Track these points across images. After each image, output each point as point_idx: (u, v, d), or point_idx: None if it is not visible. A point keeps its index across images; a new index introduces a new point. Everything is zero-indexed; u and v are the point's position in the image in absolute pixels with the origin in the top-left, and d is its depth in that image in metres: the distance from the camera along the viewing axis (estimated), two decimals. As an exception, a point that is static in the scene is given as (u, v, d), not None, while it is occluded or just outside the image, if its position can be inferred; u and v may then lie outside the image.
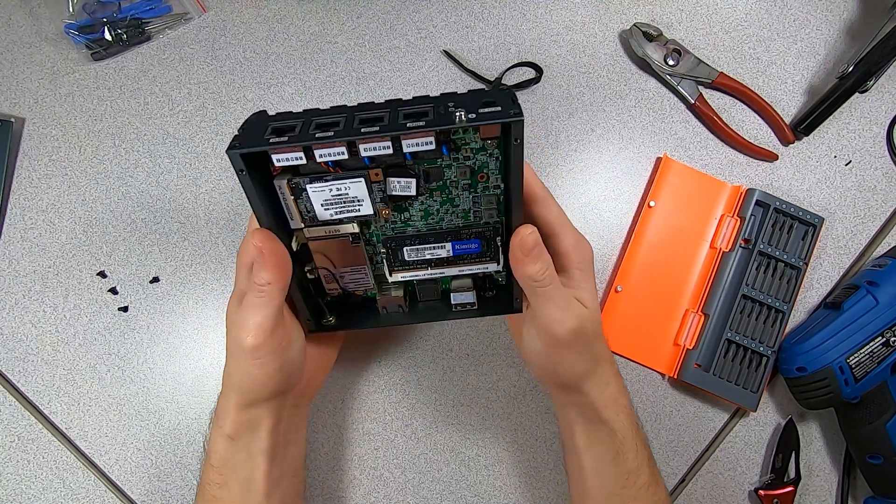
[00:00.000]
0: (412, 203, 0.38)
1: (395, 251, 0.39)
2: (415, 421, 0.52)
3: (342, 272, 0.40)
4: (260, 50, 0.55)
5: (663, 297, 0.53)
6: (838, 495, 0.52)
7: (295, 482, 0.46)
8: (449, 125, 0.32)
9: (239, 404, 0.40)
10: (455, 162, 0.37)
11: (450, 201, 0.38)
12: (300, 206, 0.37)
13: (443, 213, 0.39)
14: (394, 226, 0.39)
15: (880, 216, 0.55)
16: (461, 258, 0.40)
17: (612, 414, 0.42)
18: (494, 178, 0.37)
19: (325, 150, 0.33)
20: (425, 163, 0.37)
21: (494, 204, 0.38)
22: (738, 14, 0.56)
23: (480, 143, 0.36)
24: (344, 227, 0.38)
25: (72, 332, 0.51)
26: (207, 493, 0.42)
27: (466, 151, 0.37)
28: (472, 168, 0.37)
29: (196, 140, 0.54)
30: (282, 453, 0.44)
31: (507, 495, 0.52)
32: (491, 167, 0.37)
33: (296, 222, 0.37)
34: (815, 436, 0.53)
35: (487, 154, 0.37)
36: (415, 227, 0.39)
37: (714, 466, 0.52)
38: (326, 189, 0.36)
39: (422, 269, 0.40)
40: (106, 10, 0.53)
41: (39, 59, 0.54)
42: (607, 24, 0.56)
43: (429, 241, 0.39)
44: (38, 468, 0.51)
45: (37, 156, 0.53)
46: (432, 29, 0.55)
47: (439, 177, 0.37)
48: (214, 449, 0.42)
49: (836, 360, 0.48)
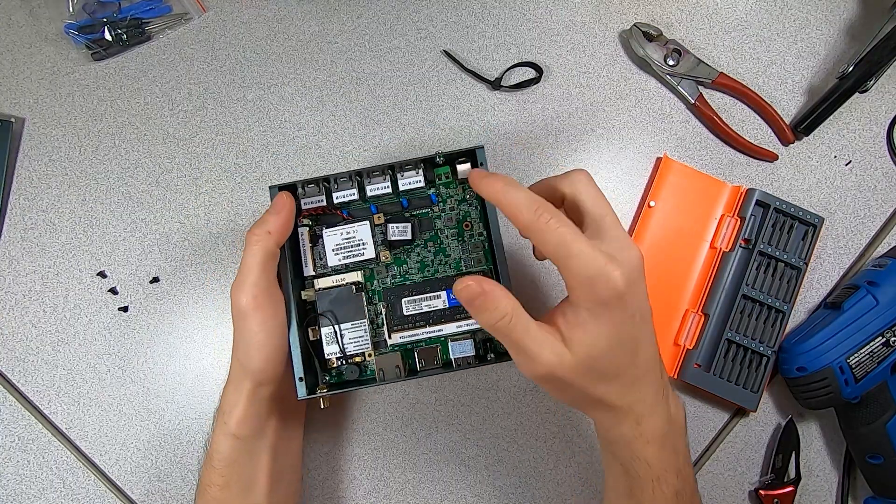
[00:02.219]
0: (409, 254, 0.45)
1: (394, 304, 0.43)
2: (415, 421, 0.52)
3: (343, 330, 0.43)
4: (260, 50, 0.55)
5: (663, 297, 0.53)
6: (838, 495, 0.52)
7: (293, 480, 0.46)
8: (428, 156, 0.43)
9: (250, 392, 0.41)
10: (443, 213, 0.45)
11: (442, 251, 0.45)
12: (315, 253, 0.44)
13: (437, 263, 0.45)
14: (393, 279, 0.44)
15: (880, 216, 0.55)
16: (458, 311, 0.43)
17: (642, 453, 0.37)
18: (478, 226, 0.45)
19: (341, 191, 0.43)
20: (419, 214, 0.45)
21: (481, 250, 0.44)
22: (738, 14, 0.56)
23: (462, 195, 0.45)
24: (350, 275, 0.44)
25: (72, 332, 0.51)
26: (209, 494, 0.42)
27: (451, 202, 0.45)
28: (457, 217, 0.45)
29: (196, 140, 0.54)
30: (283, 450, 0.44)
31: (507, 495, 0.52)
32: (472, 216, 0.45)
33: (309, 269, 0.44)
34: (815, 436, 0.53)
35: (468, 204, 0.45)
36: (412, 279, 0.44)
37: (714, 466, 0.52)
38: (338, 233, 0.44)
39: (420, 326, 0.43)
40: (106, 10, 0.53)
41: (39, 59, 0.54)
42: (607, 24, 0.56)
43: (425, 291, 0.44)
44: (38, 468, 0.51)
45: (37, 156, 0.53)
46: (432, 29, 0.55)
47: (430, 226, 0.44)
48: (217, 449, 0.42)
49: (836, 360, 0.48)
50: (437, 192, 0.45)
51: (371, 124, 0.54)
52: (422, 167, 0.43)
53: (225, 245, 0.53)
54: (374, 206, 0.45)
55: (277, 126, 0.54)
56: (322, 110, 0.54)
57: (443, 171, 0.44)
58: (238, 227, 0.53)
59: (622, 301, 0.33)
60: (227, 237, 0.53)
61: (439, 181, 0.45)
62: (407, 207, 0.45)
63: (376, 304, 0.44)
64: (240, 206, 0.53)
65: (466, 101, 0.55)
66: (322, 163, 0.54)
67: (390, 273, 0.45)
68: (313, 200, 0.44)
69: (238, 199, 0.53)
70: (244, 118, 0.54)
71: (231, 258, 0.53)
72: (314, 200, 0.44)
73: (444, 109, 0.55)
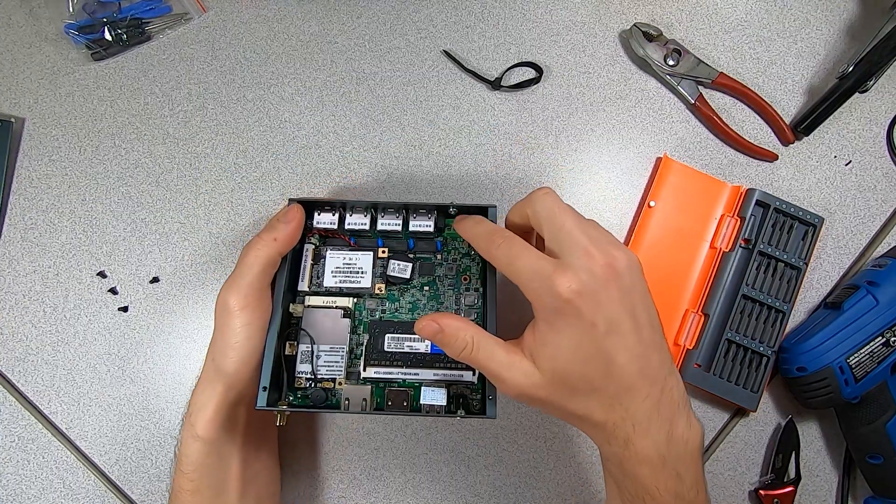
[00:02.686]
0: (404, 293, 0.45)
1: (377, 338, 0.43)
2: (415, 421, 0.52)
3: (320, 351, 0.43)
4: (260, 50, 0.55)
5: (663, 297, 0.53)
6: (838, 495, 0.52)
7: (269, 481, 0.46)
8: (442, 204, 0.44)
9: (221, 395, 0.40)
10: (445, 262, 0.46)
11: (436, 297, 0.45)
12: (314, 271, 0.45)
13: (428, 308, 0.45)
14: (382, 313, 0.45)
15: (880, 216, 0.55)
16: (438, 359, 0.43)
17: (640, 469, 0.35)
18: (475, 282, 0.45)
19: (354, 218, 0.44)
20: (422, 258, 0.46)
21: (474, 305, 0.45)
22: (738, 14, 0.56)
23: (466, 249, 0.46)
24: (341, 300, 0.44)
25: (72, 332, 0.51)
26: (180, 499, 0.42)
27: (455, 254, 0.46)
28: (457, 269, 0.46)
29: (196, 140, 0.54)
30: (255, 454, 0.43)
31: (506, 495, 0.52)
32: (472, 271, 0.46)
33: (304, 284, 0.44)
34: (815, 436, 0.53)
35: (471, 259, 0.46)
36: (401, 317, 0.45)
37: (714, 466, 0.52)
38: (340, 257, 0.45)
39: (397, 365, 0.43)
40: (106, 10, 0.53)
41: (39, 59, 0.54)
42: (607, 24, 0.56)
43: (411, 332, 0.43)
44: (38, 468, 0.51)
45: (37, 156, 0.53)
46: (432, 29, 0.55)
47: (430, 271, 0.45)
48: (186, 453, 0.41)
49: (836, 360, 0.48)
50: (444, 241, 0.46)
51: (371, 124, 0.54)
52: (434, 214, 0.44)
53: (225, 245, 0.53)
54: (381, 240, 0.46)
55: (277, 126, 0.54)
56: (322, 110, 0.54)
57: (452, 221, 0.45)
58: (238, 227, 0.53)
59: (575, 309, 0.32)
60: (227, 237, 0.53)
61: (447, 230, 0.46)
62: (412, 249, 0.46)
63: (359, 335, 0.45)
64: (240, 206, 0.53)
65: (466, 101, 0.55)
66: (322, 163, 0.54)
67: (381, 307, 0.45)
68: (325, 221, 0.45)
69: (238, 199, 0.53)
70: (244, 118, 0.54)
71: (231, 258, 0.53)
72: (326, 221, 0.45)
73: (444, 109, 0.55)
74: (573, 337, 0.33)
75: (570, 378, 0.33)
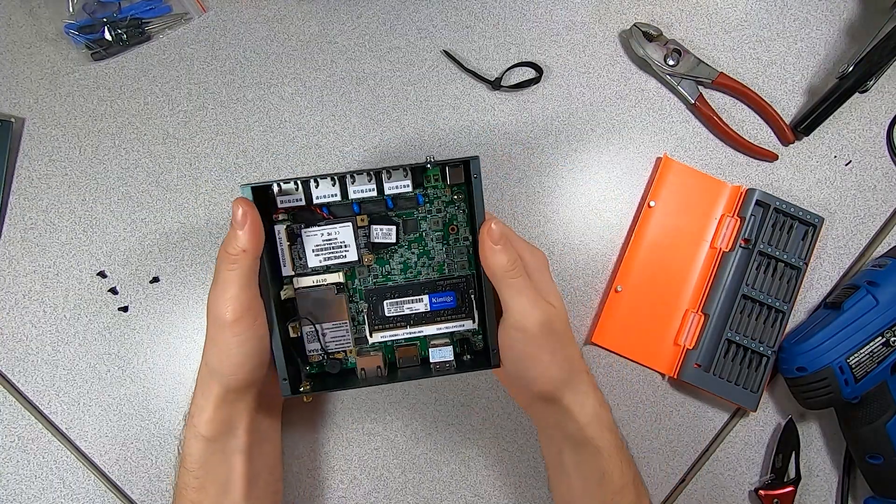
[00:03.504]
0: (392, 255, 0.44)
1: (376, 305, 0.43)
2: (415, 421, 0.52)
3: (325, 329, 0.43)
4: (260, 50, 0.55)
5: (663, 297, 0.53)
6: (838, 495, 0.53)
7: (271, 479, 0.46)
8: (418, 163, 0.40)
9: (219, 397, 0.41)
10: (429, 214, 0.43)
11: (426, 253, 0.44)
12: (294, 252, 0.42)
13: (419, 266, 0.44)
14: (375, 280, 0.44)
15: (880, 216, 0.55)
16: (438, 314, 0.43)
17: (596, 431, 0.42)
18: (464, 230, 0.44)
19: (321, 191, 0.41)
20: (404, 214, 0.43)
21: (465, 255, 0.44)
22: (738, 14, 0.56)
23: (450, 196, 0.43)
24: (330, 276, 0.43)
25: (72, 332, 0.51)
26: (185, 497, 0.42)
27: (438, 204, 0.43)
28: (443, 220, 0.43)
29: (196, 140, 0.54)
30: (258, 451, 0.44)
31: (507, 495, 0.52)
32: (459, 219, 0.44)
33: (287, 269, 0.42)
34: (815, 436, 0.53)
35: (455, 206, 0.44)
36: (394, 280, 0.44)
37: (714, 466, 0.52)
38: (318, 234, 0.42)
39: (401, 327, 0.43)
40: (106, 10, 0.53)
41: (39, 59, 0.54)
42: (607, 24, 0.56)
43: (408, 294, 0.43)
44: (38, 468, 0.51)
45: (37, 156, 0.53)
46: (432, 29, 0.55)
47: (415, 228, 0.43)
48: (189, 452, 0.42)
49: (836, 360, 0.48)
50: (425, 193, 0.43)
51: (371, 124, 0.54)
52: (410, 172, 0.42)
53: (225, 245, 0.53)
54: (356, 205, 0.43)
55: (277, 126, 0.54)
56: (322, 110, 0.54)
57: (433, 172, 0.43)
58: (238, 227, 0.53)
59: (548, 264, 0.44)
60: (227, 237, 0.53)
61: (427, 183, 0.43)
62: (392, 208, 0.43)
63: (357, 303, 0.44)
64: (240, 206, 0.53)
65: (466, 101, 0.55)
66: (322, 163, 0.54)
67: (372, 273, 0.44)
68: (290, 199, 0.41)
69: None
70: (244, 118, 0.54)
71: (231, 258, 0.53)
72: (291, 199, 0.41)
73: (444, 109, 0.55)
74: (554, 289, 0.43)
75: (566, 316, 0.43)
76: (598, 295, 0.54)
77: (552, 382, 0.41)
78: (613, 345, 0.53)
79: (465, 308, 0.44)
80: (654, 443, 0.53)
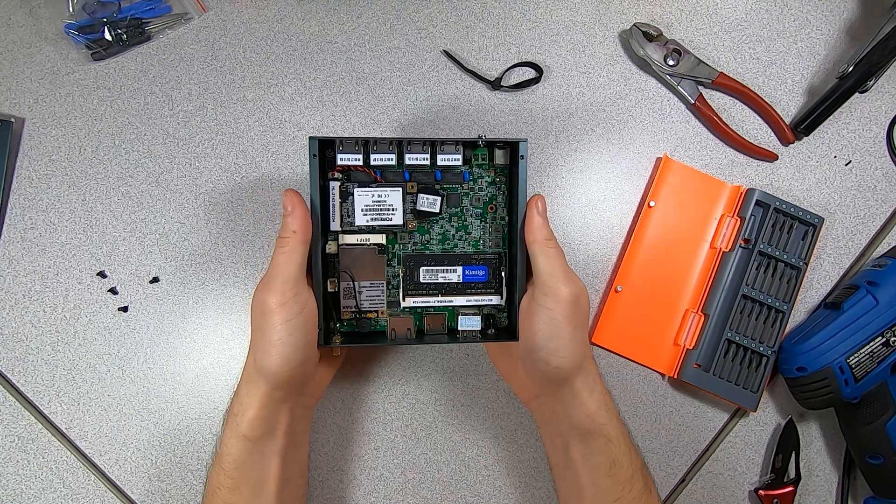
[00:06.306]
0: (433, 224, 0.46)
1: (413, 270, 0.45)
2: (415, 421, 0.52)
3: (361, 287, 0.45)
4: (260, 50, 0.55)
5: (663, 297, 0.53)
6: (838, 495, 0.53)
7: (300, 483, 0.46)
8: (470, 139, 0.43)
9: (265, 394, 0.41)
10: (471, 191, 0.46)
11: (464, 228, 0.46)
12: (344, 209, 0.45)
13: (457, 239, 0.46)
14: (414, 246, 0.46)
15: (880, 216, 0.55)
16: (469, 286, 0.45)
17: (605, 418, 0.42)
18: (502, 210, 0.46)
19: (379, 154, 0.43)
20: (449, 189, 0.46)
21: (500, 234, 0.46)
22: (738, 14, 0.56)
23: (493, 177, 0.46)
24: (374, 236, 0.45)
25: (72, 332, 0.51)
26: (218, 497, 0.42)
27: (481, 183, 0.46)
28: (484, 198, 0.46)
29: (196, 140, 0.54)
30: (292, 454, 0.44)
31: (507, 495, 0.52)
32: (499, 200, 0.46)
33: (336, 224, 0.44)
34: (815, 436, 0.53)
35: (497, 188, 0.46)
36: (432, 249, 0.46)
37: (714, 466, 0.52)
38: (369, 195, 0.44)
39: (433, 294, 0.45)
40: (106, 10, 0.53)
41: (39, 59, 0.54)
42: (607, 24, 0.56)
43: (443, 264, 0.45)
44: (38, 468, 0.51)
45: (37, 156, 0.53)
46: (432, 29, 0.55)
47: (458, 203, 0.46)
48: (228, 451, 0.41)
49: (836, 360, 0.48)
50: (471, 170, 0.46)
51: (371, 124, 0.54)
52: (462, 147, 0.44)
53: (225, 245, 0.53)
54: (407, 173, 0.45)
55: (277, 126, 0.54)
56: (322, 110, 0.54)
57: (481, 151, 0.45)
58: (238, 227, 0.53)
59: None
60: (227, 237, 0.53)
61: (475, 161, 0.46)
62: (440, 180, 0.45)
63: (395, 267, 0.46)
64: (239, 207, 0.53)
65: (466, 101, 0.55)
66: (322, 163, 0.54)
67: (412, 240, 0.46)
68: (350, 157, 0.43)
69: (237, 200, 0.53)
70: (244, 118, 0.54)
71: (231, 258, 0.53)
72: (350, 158, 0.43)
73: (444, 109, 0.55)
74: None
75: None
76: (598, 295, 0.54)
77: (571, 358, 0.41)
78: (613, 345, 0.53)
79: (494, 284, 0.45)
80: (654, 443, 0.53)
